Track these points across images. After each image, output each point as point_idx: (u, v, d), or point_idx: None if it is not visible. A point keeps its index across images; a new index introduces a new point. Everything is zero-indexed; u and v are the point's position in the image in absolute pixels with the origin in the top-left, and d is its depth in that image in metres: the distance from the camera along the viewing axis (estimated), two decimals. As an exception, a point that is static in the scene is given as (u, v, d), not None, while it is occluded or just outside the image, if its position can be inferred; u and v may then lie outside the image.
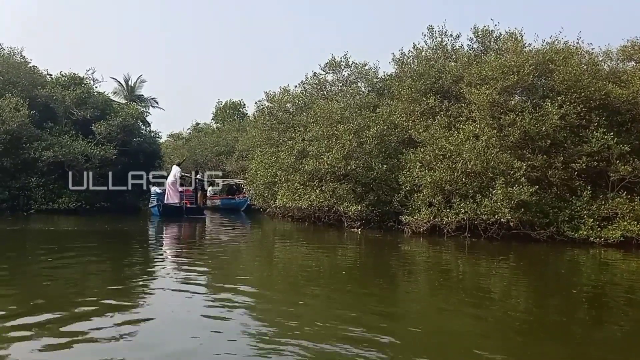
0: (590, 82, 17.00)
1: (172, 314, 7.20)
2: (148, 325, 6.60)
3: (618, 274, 12.04)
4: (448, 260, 13.78)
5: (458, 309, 7.98)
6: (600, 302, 8.90)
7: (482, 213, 15.40)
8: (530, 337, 6.67)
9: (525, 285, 10.40)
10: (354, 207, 17.91)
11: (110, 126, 26.23)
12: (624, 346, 6.50)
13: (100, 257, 12.38)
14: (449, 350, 6.17)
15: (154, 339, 6.13)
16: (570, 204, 15.82)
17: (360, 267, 12.44)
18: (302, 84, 25.62)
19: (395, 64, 23.30)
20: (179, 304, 7.69)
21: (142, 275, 10.31)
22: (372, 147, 18.70)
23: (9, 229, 17.67)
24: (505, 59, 17.69)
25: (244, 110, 53.30)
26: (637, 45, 20.16)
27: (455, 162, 16.18)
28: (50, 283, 9.08)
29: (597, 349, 6.31)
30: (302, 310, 7.73)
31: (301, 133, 21.11)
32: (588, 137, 16.11)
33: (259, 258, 13.73)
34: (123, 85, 44.89)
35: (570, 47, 18.94)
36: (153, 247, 15.58)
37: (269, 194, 22.92)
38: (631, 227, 14.74)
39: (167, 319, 6.97)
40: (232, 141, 39.44)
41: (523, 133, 16.15)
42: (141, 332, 6.37)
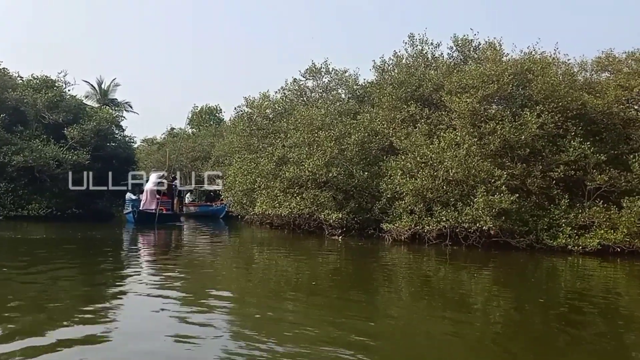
0: (567, 92, 17.28)
1: (142, 321, 7.09)
2: (117, 334, 6.47)
3: (595, 282, 12.17)
4: (429, 269, 13.74)
5: (438, 317, 8.02)
6: (578, 310, 8.99)
7: (464, 221, 15.44)
8: (509, 345, 6.74)
9: (506, 293, 10.42)
10: (335, 214, 17.77)
11: (84, 130, 25.59)
12: (601, 352, 6.58)
13: (70, 267, 11.88)
14: (429, 357, 6.24)
15: (122, 346, 6.04)
16: (549, 212, 15.98)
17: (341, 275, 12.29)
18: (282, 90, 25.45)
19: (376, 71, 23.36)
20: (150, 314, 7.48)
21: (112, 285, 9.99)
22: (353, 154, 18.63)
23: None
24: (485, 68, 17.87)
25: (220, 116, 52.81)
26: (611, 56, 20.66)
27: (436, 170, 16.20)
28: (13, 297, 8.47)
29: (575, 354, 6.38)
30: (281, 316, 7.66)
31: (281, 139, 20.91)
32: (565, 146, 16.33)
33: (238, 266, 13.45)
34: (96, 88, 43.79)
35: (548, 58, 19.27)
36: (126, 255, 15.12)
37: (248, 201, 22.62)
38: (608, 236, 14.95)
39: (136, 326, 6.87)
40: (208, 147, 38.96)
41: (503, 141, 16.27)
42: (111, 339, 6.24)
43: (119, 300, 8.58)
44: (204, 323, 7.00)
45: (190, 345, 6.08)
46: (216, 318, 7.34)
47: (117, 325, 6.88)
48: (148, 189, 23.84)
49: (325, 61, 25.15)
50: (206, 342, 6.20)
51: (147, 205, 23.57)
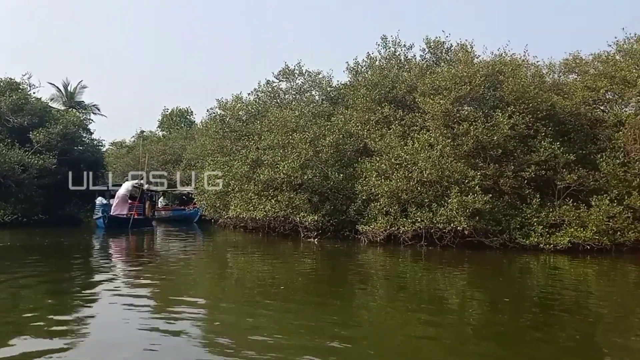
0: (537, 94, 17.59)
1: (112, 331, 6.88)
2: (87, 342, 6.30)
3: (566, 280, 12.37)
4: (405, 270, 13.77)
5: (414, 319, 8.05)
6: (550, 308, 9.12)
7: (438, 222, 15.53)
8: (483, 344, 6.82)
9: (480, 293, 10.51)
10: (310, 216, 17.67)
11: (50, 134, 24.89)
12: (572, 348, 6.72)
13: (36, 275, 11.40)
14: (405, 357, 6.24)
15: (92, 357, 5.84)
16: (521, 211, 16.22)
17: (317, 278, 12.21)
18: (255, 92, 25.22)
19: (350, 73, 23.39)
20: (120, 323, 7.26)
21: (80, 293, 9.66)
22: (328, 156, 18.57)
23: None
24: (457, 70, 18.05)
25: (191, 118, 52.16)
26: (578, 58, 21.17)
27: (411, 171, 16.26)
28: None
29: (547, 351, 6.45)
30: (256, 322, 7.53)
31: (255, 142, 20.69)
32: (536, 146, 16.61)
33: (211, 271, 13.23)
34: (62, 91, 42.53)
35: (518, 60, 19.60)
36: (95, 262, 14.68)
37: (221, 204, 22.32)
38: (577, 234, 15.26)
39: (106, 336, 6.66)
40: (179, 150, 38.38)
41: (476, 142, 16.46)
42: (80, 349, 6.02)
43: (88, 309, 8.29)
44: (177, 331, 6.82)
45: (162, 354, 5.92)
46: (189, 326, 7.16)
47: (86, 335, 6.66)
48: (120, 194, 23.31)
49: (298, 63, 25.13)
50: (179, 351, 6.03)
51: (117, 210, 23.05)
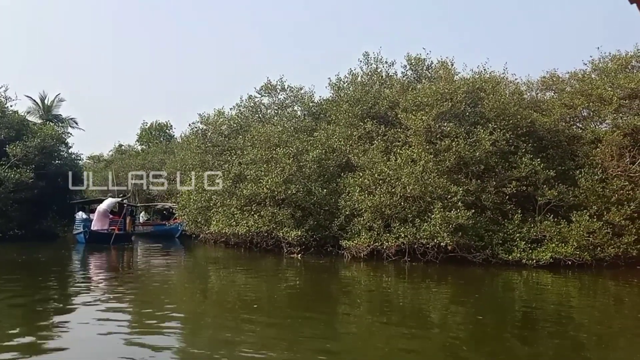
0: (517, 110, 17.92)
1: (89, 346, 6.81)
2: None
3: (548, 295, 12.53)
4: (388, 285, 13.76)
5: (397, 334, 8.06)
6: (532, 322, 9.28)
7: (422, 237, 15.58)
8: (467, 356, 6.92)
9: (463, 308, 10.56)
10: (294, 232, 17.54)
11: (27, 147, 24.33)
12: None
13: (12, 292, 11.10)
14: None
15: None
16: (503, 227, 16.38)
17: (300, 293, 12.13)
18: (237, 107, 25.11)
19: (332, 89, 23.45)
20: (98, 340, 7.16)
21: (58, 310, 9.52)
22: (311, 171, 18.52)
23: None
24: (439, 87, 18.28)
25: (170, 132, 51.52)
26: (555, 76, 21.65)
27: (394, 187, 16.32)
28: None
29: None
30: (238, 337, 7.50)
31: (238, 156, 20.55)
32: (517, 162, 16.84)
33: (193, 287, 13.01)
34: (39, 103, 41.69)
35: (497, 77, 19.97)
36: (74, 277, 14.30)
37: (203, 220, 22.06)
38: (559, 249, 15.47)
39: (85, 353, 6.59)
40: (158, 164, 37.86)
41: (458, 158, 16.63)
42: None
43: (65, 325, 8.17)
44: (157, 347, 6.78)
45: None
46: (171, 342, 7.11)
47: (64, 352, 6.58)
48: (100, 209, 22.91)
49: (280, 78, 25.10)
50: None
51: (98, 225, 22.67)
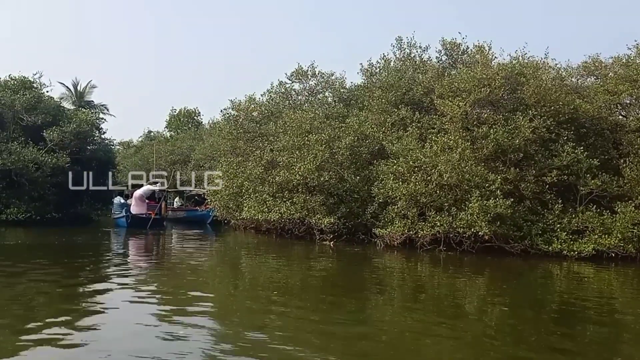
0: (558, 97, 17.26)
1: (124, 339, 6.84)
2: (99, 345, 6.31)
3: (589, 287, 12.14)
4: (423, 275, 13.57)
5: (434, 326, 7.90)
6: (571, 316, 9.01)
7: (458, 226, 15.22)
8: (503, 349, 6.76)
9: (500, 300, 10.27)
10: (326, 219, 17.41)
11: (63, 133, 24.76)
12: (594, 357, 6.73)
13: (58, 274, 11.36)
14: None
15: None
16: (543, 217, 15.87)
17: (333, 281, 12.07)
18: (268, 93, 24.99)
19: (364, 75, 23.08)
20: (134, 329, 7.23)
21: (94, 291, 9.85)
22: (344, 158, 18.30)
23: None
24: (476, 72, 17.73)
25: (199, 119, 51.86)
26: (597, 61, 20.74)
27: (430, 175, 15.98)
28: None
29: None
30: (270, 325, 7.57)
31: (270, 143, 20.47)
32: (558, 150, 16.27)
33: (225, 272, 13.17)
34: (72, 90, 42.46)
35: (537, 62, 19.26)
36: (112, 260, 14.54)
37: (234, 206, 22.12)
38: (602, 241, 14.89)
39: (119, 337, 6.75)
40: (187, 150, 38.21)
41: (496, 146, 16.15)
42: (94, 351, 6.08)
43: (102, 306, 8.48)
44: (191, 327, 7.10)
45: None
46: (203, 324, 7.34)
47: (99, 338, 6.76)
48: (137, 194, 23.32)
49: (311, 64, 24.85)
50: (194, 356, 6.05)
51: (136, 210, 23.25)
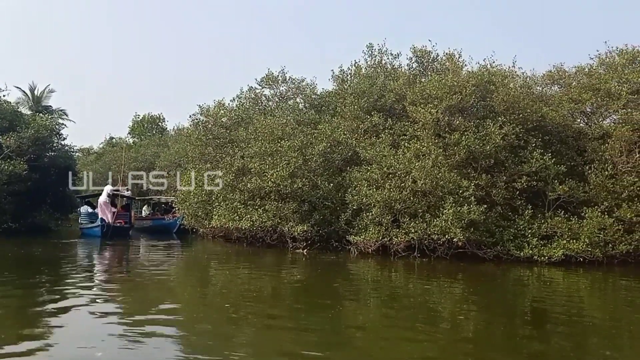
0: (526, 104, 17.62)
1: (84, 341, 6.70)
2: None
3: (560, 292, 12.31)
4: (397, 281, 13.47)
5: (408, 331, 7.91)
6: (542, 320, 9.16)
7: (432, 232, 15.26)
8: (477, 354, 6.81)
9: (474, 305, 10.32)
10: (300, 227, 17.15)
11: (21, 139, 23.63)
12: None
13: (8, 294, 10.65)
14: None
15: None
16: (514, 222, 16.11)
17: (307, 289, 11.88)
18: (237, 98, 24.62)
19: (335, 81, 23.07)
20: (94, 333, 7.11)
21: (51, 305, 9.30)
22: (317, 164, 18.12)
23: None
24: (447, 79, 17.93)
25: (163, 125, 50.81)
26: (561, 70, 21.36)
27: (403, 181, 15.98)
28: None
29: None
30: (238, 337, 7.46)
31: (240, 149, 20.09)
32: (527, 157, 16.58)
33: (198, 285, 12.58)
34: (28, 95, 40.84)
35: (505, 71, 19.65)
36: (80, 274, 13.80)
37: (203, 214, 21.59)
38: (570, 246, 15.21)
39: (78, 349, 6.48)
40: (151, 157, 37.25)
41: (467, 152, 16.32)
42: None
43: (58, 322, 8.03)
44: (158, 337, 6.91)
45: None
46: (166, 342, 7.02)
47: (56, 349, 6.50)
48: (101, 201, 22.47)
49: (282, 69, 24.67)
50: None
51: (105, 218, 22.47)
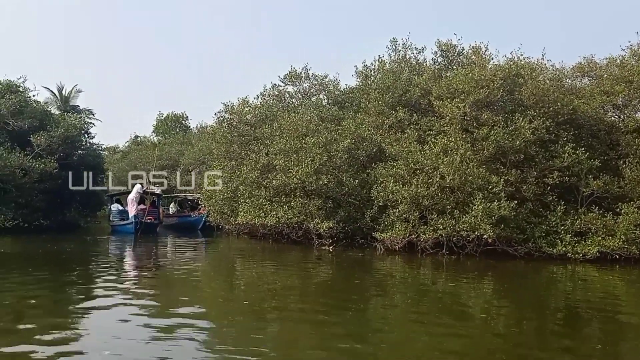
0: (557, 97, 17.16)
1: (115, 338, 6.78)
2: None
3: (595, 290, 11.95)
4: (426, 279, 13.30)
5: (436, 329, 7.76)
6: (578, 318, 8.97)
7: (461, 229, 14.97)
8: (509, 354, 6.66)
9: (505, 304, 10.08)
10: (325, 223, 17.06)
11: (51, 138, 24.15)
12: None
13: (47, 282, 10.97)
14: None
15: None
16: (545, 219, 15.69)
17: (338, 287, 11.76)
18: (261, 96, 24.65)
19: (358, 77, 22.85)
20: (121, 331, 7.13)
21: (86, 300, 9.45)
22: (342, 161, 17.98)
23: None
24: (474, 73, 17.56)
25: (186, 123, 51.29)
26: (592, 62, 20.74)
27: (431, 177, 15.73)
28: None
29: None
30: (265, 334, 7.44)
31: (265, 146, 20.09)
32: (558, 152, 16.13)
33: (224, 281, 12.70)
34: (57, 95, 41.75)
35: (534, 63, 19.16)
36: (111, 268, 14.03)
37: (229, 211, 21.68)
38: (606, 243, 14.74)
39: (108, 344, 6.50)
40: (175, 155, 37.73)
41: (496, 147, 15.97)
42: None
43: (87, 317, 8.21)
44: (184, 338, 6.84)
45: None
46: (197, 334, 7.11)
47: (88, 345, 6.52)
48: (131, 198, 22.86)
49: (305, 66, 24.58)
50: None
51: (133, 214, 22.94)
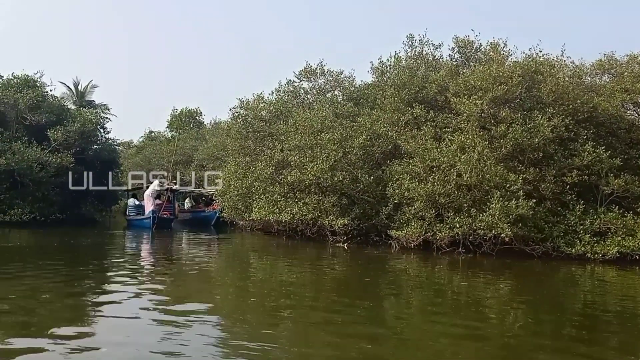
0: (577, 95, 16.87)
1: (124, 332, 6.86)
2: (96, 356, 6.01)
3: (614, 291, 11.72)
4: (443, 277, 13.14)
5: (453, 327, 7.68)
6: (596, 320, 8.80)
7: (478, 228, 14.79)
8: (526, 356, 6.60)
9: (523, 304, 9.89)
10: (340, 220, 16.97)
11: (68, 132, 24.37)
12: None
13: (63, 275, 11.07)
14: None
15: None
16: (564, 218, 15.43)
17: (353, 284, 11.71)
18: (276, 92, 24.57)
19: (374, 73, 22.67)
20: (137, 329, 7.12)
21: (101, 294, 9.52)
22: (357, 157, 17.86)
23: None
24: (492, 70, 17.32)
25: (200, 119, 51.44)
26: (612, 59, 20.33)
27: (448, 174, 15.56)
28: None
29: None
30: (280, 332, 7.38)
31: (280, 142, 20.04)
32: (577, 150, 15.87)
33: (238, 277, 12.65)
34: (72, 90, 42.10)
35: (552, 60, 18.84)
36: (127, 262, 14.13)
37: (243, 207, 21.67)
38: (626, 243, 14.47)
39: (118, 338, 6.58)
40: (189, 150, 37.87)
41: (515, 145, 15.74)
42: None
43: (101, 311, 8.16)
44: (197, 333, 6.86)
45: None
46: (210, 330, 7.11)
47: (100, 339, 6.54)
48: (147, 194, 23.05)
49: (320, 62, 24.43)
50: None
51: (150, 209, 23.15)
